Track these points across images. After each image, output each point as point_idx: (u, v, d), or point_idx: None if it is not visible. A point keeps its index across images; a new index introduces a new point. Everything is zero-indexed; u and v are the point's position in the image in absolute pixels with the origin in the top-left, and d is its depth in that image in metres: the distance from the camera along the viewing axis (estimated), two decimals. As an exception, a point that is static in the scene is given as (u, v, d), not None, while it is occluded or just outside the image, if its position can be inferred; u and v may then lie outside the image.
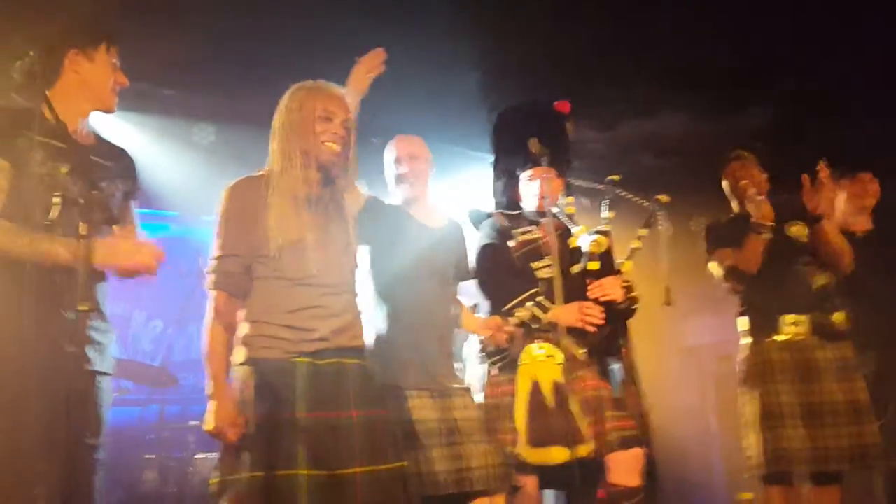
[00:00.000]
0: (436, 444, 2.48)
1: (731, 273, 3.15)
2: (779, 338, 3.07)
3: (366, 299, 2.55)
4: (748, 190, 3.14)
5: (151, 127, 4.68)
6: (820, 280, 3.19)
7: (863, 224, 3.54)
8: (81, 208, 1.69)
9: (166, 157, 4.81)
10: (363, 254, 2.57)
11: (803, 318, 3.07)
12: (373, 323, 2.57)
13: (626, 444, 2.70)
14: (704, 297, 3.55)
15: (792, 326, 3.06)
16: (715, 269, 3.24)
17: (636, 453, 2.72)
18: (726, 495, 4.53)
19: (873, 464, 2.96)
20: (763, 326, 3.10)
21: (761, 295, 3.11)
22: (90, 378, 2.02)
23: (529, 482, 2.76)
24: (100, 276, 2.08)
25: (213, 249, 2.13)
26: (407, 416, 2.44)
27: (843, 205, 3.54)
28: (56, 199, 1.95)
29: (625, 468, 2.70)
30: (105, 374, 2.07)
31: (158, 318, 5.51)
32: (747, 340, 3.18)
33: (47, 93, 2.09)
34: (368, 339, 2.35)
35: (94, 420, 2.02)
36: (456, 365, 2.80)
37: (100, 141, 2.23)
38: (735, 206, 3.38)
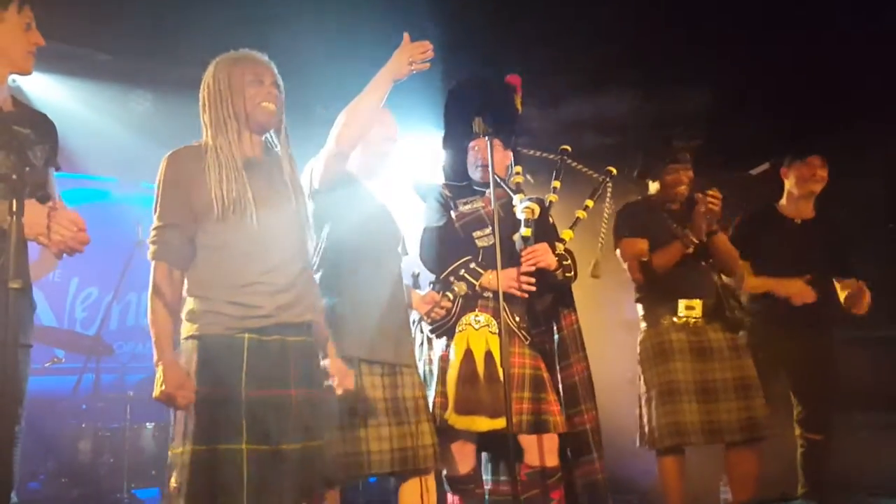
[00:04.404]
0: (383, 423, 2.49)
1: (644, 267, 3.28)
2: (676, 319, 3.23)
3: (328, 270, 2.54)
4: (700, 207, 3.17)
5: (87, 92, 4.60)
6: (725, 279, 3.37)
7: (804, 211, 3.64)
8: (13, 184, 1.63)
9: (104, 122, 4.72)
10: (323, 221, 2.55)
11: (698, 302, 3.24)
12: (336, 294, 2.52)
13: (539, 427, 2.75)
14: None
15: (687, 310, 3.22)
16: (626, 254, 3.33)
17: (549, 437, 2.77)
18: (652, 463, 4.68)
19: (763, 434, 3.16)
20: (661, 310, 3.26)
21: (662, 285, 3.26)
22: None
23: (466, 447, 2.82)
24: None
25: (154, 219, 2.10)
26: (356, 394, 2.43)
27: (791, 188, 3.66)
28: None
29: (538, 450, 2.76)
30: (25, 345, 2.00)
31: (94, 286, 5.38)
32: (645, 323, 3.34)
33: None
34: (323, 311, 2.31)
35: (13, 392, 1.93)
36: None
37: (18, 106, 2.14)
38: (653, 188, 3.44)
